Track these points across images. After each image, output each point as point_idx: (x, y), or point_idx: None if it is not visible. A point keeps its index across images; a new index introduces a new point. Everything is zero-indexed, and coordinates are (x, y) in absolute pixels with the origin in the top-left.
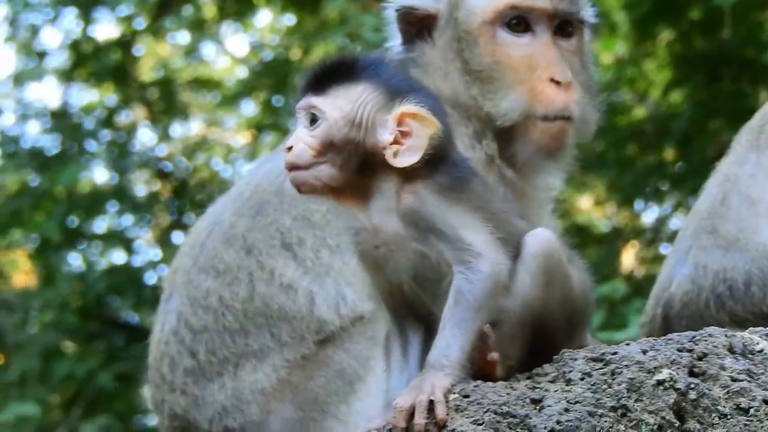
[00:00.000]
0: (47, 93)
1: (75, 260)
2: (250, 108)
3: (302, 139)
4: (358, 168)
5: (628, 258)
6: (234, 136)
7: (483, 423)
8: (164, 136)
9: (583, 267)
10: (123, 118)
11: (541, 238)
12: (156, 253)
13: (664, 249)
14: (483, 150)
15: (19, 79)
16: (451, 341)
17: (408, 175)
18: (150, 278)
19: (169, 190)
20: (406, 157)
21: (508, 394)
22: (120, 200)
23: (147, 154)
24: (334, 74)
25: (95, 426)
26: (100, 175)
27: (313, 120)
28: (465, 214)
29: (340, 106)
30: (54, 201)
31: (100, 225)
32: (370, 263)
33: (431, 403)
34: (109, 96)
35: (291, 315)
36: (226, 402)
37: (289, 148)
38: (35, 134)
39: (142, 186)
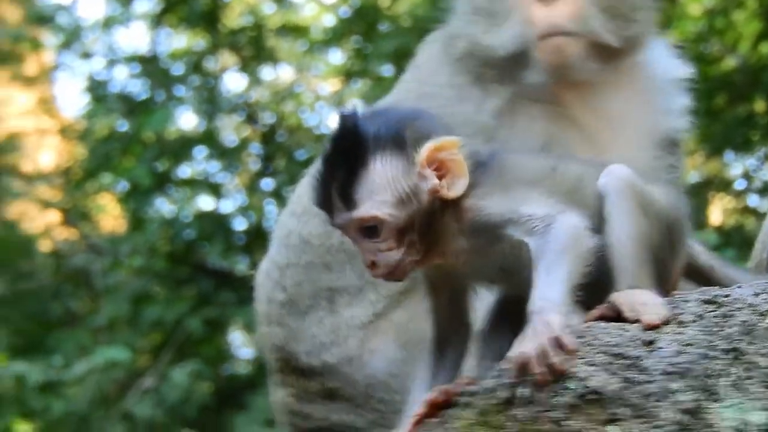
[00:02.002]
0: (136, 38)
1: (163, 205)
2: (337, 56)
3: (377, 250)
4: (429, 229)
5: (717, 209)
6: (322, 83)
7: (595, 364)
8: (253, 83)
9: (666, 186)
10: (211, 64)
11: (614, 175)
12: (244, 199)
13: (752, 201)
14: (507, 91)
15: (108, 24)
16: (547, 287)
17: (455, 200)
18: (239, 224)
19: (258, 136)
20: (458, 184)
21: (620, 335)
22: (208, 146)
23: (235, 100)
24: (349, 179)
25: (184, 371)
26: (188, 120)
27: (370, 229)
28: (518, 195)
29: (381, 201)
30: (143, 146)
31: (188, 171)
32: (436, 280)
33: (556, 339)
34: (198, 42)
35: None
36: (323, 336)
37: (373, 266)
38: (124, 79)
39: (230, 132)
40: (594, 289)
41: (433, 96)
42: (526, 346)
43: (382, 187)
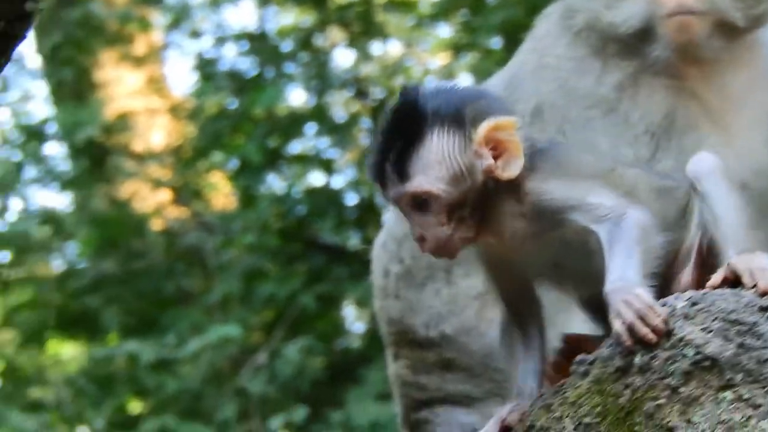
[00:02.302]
0: (244, 16)
1: (274, 182)
2: (446, 29)
3: (428, 225)
4: (481, 206)
5: None
6: (431, 57)
7: (711, 330)
8: (362, 58)
9: None
10: (320, 41)
11: (703, 161)
12: (355, 174)
13: None
14: (629, 66)
15: (217, 2)
16: (626, 269)
17: (514, 182)
18: (350, 199)
19: (368, 111)
20: (513, 165)
21: (736, 301)
22: (318, 122)
23: (344, 76)
24: (404, 151)
25: (297, 347)
26: (297, 97)
27: (422, 204)
28: (582, 184)
29: (436, 176)
30: (253, 123)
31: (299, 147)
32: (495, 267)
33: (649, 307)
34: (305, 18)
35: None
36: (441, 308)
37: (422, 240)
38: (233, 57)
39: (340, 108)
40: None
41: (552, 68)
42: (623, 316)
43: (437, 163)
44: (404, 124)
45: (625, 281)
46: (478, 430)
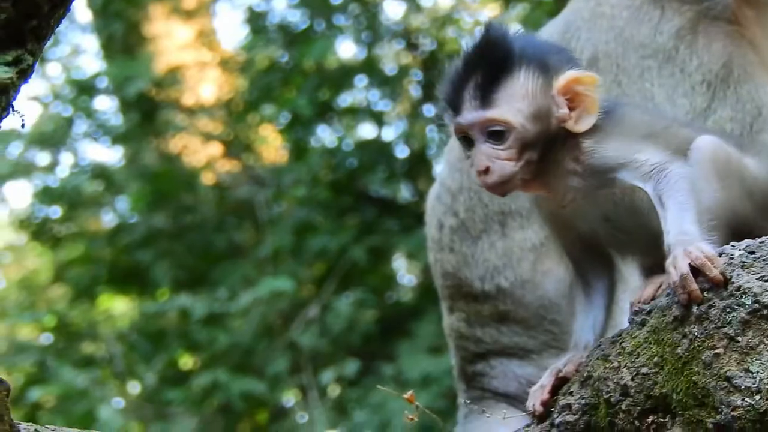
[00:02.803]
0: None
1: (325, 135)
2: None
3: (496, 156)
4: (547, 153)
5: None
6: (481, 8)
7: None
8: (412, 9)
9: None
10: None
11: (701, 146)
12: (405, 127)
13: None
14: (688, 11)
15: None
16: (685, 223)
17: (577, 138)
18: (401, 152)
19: (418, 63)
20: (586, 120)
21: None
22: (369, 74)
23: (395, 28)
24: (490, 79)
25: (348, 300)
26: (348, 49)
27: (497, 134)
28: (634, 143)
29: (518, 108)
30: (303, 76)
31: (349, 99)
32: (555, 222)
33: (709, 258)
34: None
35: None
36: (496, 260)
37: (486, 170)
38: (283, 10)
39: (390, 60)
40: None
41: (608, 16)
42: (680, 266)
43: (522, 97)
44: (492, 54)
45: (685, 234)
46: (534, 381)
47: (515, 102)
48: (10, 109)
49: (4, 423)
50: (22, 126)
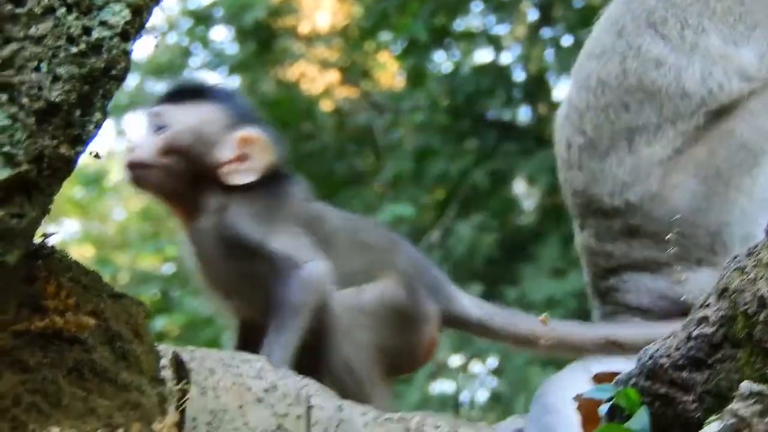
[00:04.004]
0: None
1: (442, 60)
2: None
3: (147, 141)
4: (191, 180)
5: None
6: None
7: None
8: None
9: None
10: None
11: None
12: (523, 50)
13: None
14: None
15: None
16: (273, 349)
17: (232, 193)
18: (518, 75)
19: None
20: (241, 177)
21: None
22: None
23: None
24: (188, 92)
25: (469, 224)
26: None
27: (160, 127)
28: (281, 230)
29: (187, 118)
30: (419, 1)
31: (465, 24)
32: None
33: None
34: None
35: (665, 90)
36: (624, 176)
37: (133, 149)
38: None
39: None
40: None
41: None
42: None
43: (197, 115)
44: (206, 87)
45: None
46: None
47: (189, 113)
48: (141, 30)
49: (144, 343)
50: (156, 46)
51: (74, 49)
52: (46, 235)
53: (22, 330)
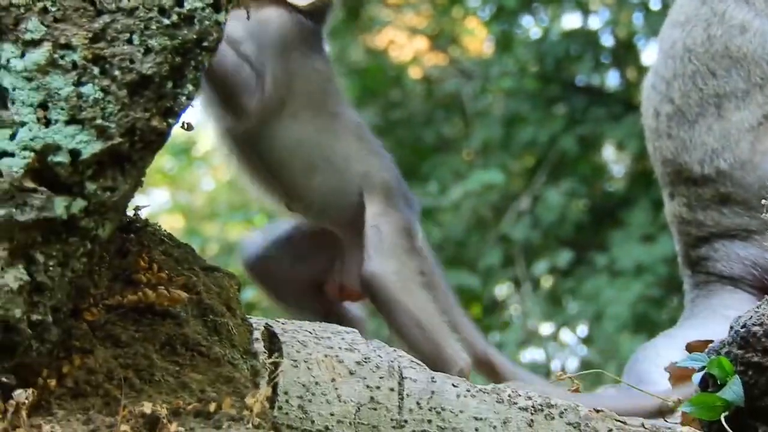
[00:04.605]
0: None
1: (530, 25)
2: None
3: None
4: None
5: None
6: None
7: None
8: None
9: None
10: None
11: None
12: (611, 15)
13: None
14: None
15: None
16: None
17: None
18: (607, 40)
19: None
20: None
21: None
22: None
23: None
24: None
25: (559, 191)
26: None
27: None
28: None
29: None
30: None
31: None
32: None
33: None
34: None
35: (751, 56)
36: (714, 143)
37: None
38: None
39: None
40: None
41: None
42: None
43: None
44: None
45: None
46: (758, 262)
47: None
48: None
49: (236, 316)
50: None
51: (166, 21)
52: (138, 208)
53: (115, 304)
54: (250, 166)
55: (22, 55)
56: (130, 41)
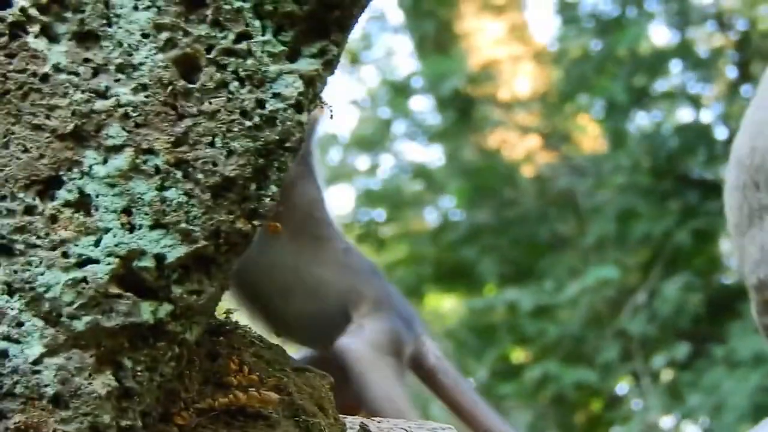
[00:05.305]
0: None
1: (642, 121)
2: None
3: None
4: None
5: None
6: None
7: None
8: None
9: None
10: None
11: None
12: (723, 108)
13: None
14: None
15: None
16: None
17: None
18: (720, 133)
19: (732, 44)
20: None
21: None
22: (683, 58)
23: (707, 10)
24: None
25: (675, 284)
26: (660, 34)
27: None
28: None
29: None
30: (617, 64)
31: (665, 85)
32: None
33: None
34: None
35: None
36: None
37: None
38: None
39: (703, 42)
40: None
41: None
42: None
43: None
44: None
45: None
46: None
47: None
48: (318, 100)
49: (328, 416)
50: (331, 117)
51: (248, 123)
52: (229, 311)
53: (206, 407)
54: (235, 291)
55: (105, 162)
56: (212, 144)
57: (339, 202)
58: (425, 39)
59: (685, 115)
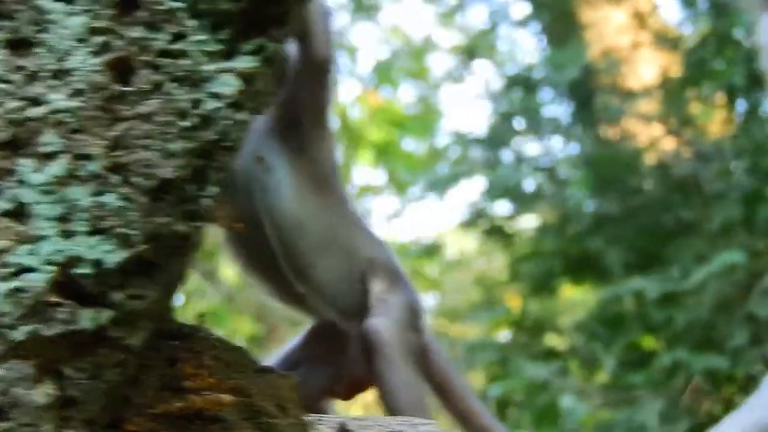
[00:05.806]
0: None
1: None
2: None
3: None
4: None
5: None
6: None
7: None
8: None
9: None
10: None
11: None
12: None
13: None
14: None
15: None
16: None
17: None
18: None
19: None
20: None
21: None
22: None
23: None
24: None
25: None
26: None
27: None
28: None
29: None
30: (736, 46)
31: None
32: None
33: None
34: None
35: None
36: None
37: None
38: None
39: None
40: None
41: None
42: None
43: None
44: None
45: None
46: None
47: None
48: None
49: (289, 416)
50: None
51: (185, 123)
52: (202, 315)
53: (161, 412)
54: (256, 253)
55: (41, 169)
56: (149, 147)
57: (462, 199)
58: (550, 31)
59: None
